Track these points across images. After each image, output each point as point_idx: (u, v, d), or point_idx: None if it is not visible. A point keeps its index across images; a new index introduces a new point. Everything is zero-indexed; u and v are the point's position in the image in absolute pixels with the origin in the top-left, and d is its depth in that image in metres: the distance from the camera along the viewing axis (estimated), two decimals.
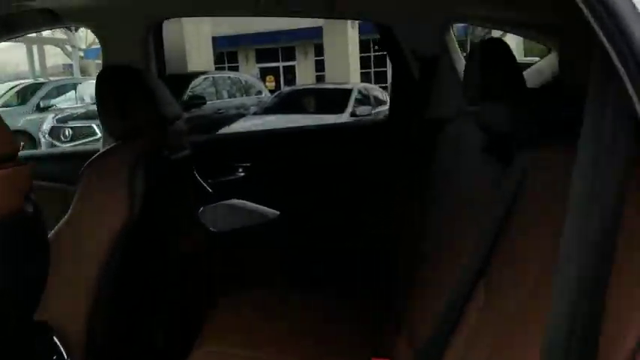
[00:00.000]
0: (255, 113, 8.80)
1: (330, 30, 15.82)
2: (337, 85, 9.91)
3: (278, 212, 2.18)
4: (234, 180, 2.21)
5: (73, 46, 15.94)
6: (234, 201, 2.16)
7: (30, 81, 11.50)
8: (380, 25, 2.06)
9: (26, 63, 16.94)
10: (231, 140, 2.43)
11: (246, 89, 10.77)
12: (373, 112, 8.32)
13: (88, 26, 2.03)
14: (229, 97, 10.18)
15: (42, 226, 1.12)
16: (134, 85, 1.55)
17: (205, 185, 2.15)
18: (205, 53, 14.70)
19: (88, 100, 9.48)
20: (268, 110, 8.53)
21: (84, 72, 16.41)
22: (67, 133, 7.85)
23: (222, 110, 9.46)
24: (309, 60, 20.06)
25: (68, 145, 7.74)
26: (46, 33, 16.30)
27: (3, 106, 9.60)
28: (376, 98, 9.13)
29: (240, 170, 2.20)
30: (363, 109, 8.11)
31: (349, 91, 8.49)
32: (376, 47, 19.35)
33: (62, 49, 16.74)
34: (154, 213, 1.60)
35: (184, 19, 10.52)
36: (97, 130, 7.55)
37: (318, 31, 16.45)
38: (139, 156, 1.48)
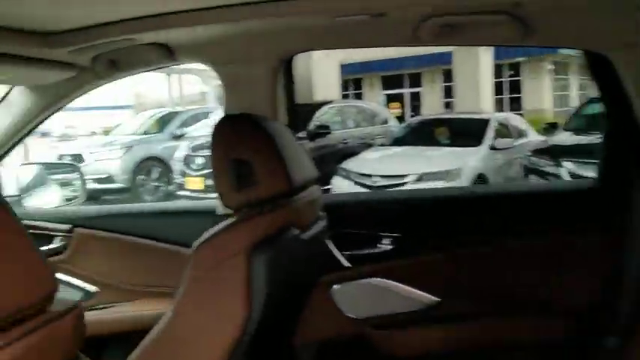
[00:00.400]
0: (382, 144, 8.39)
1: (462, 55, 15.09)
2: (473, 114, 9.22)
3: (438, 299, 1.66)
4: (378, 254, 1.73)
5: (210, 75, 16.73)
6: (378, 280, 1.68)
7: (168, 109, 12.12)
8: (590, 52, 1.52)
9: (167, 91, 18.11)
10: (375, 202, 1.95)
11: (371, 118, 10.45)
12: (515, 144, 7.55)
13: (206, 63, 1.71)
14: (355, 126, 9.90)
15: None
16: (257, 143, 1.17)
17: (341, 258, 1.71)
18: (332, 81, 14.67)
19: None
20: (397, 141, 8.09)
21: (220, 100, 17.08)
22: (197, 161, 7.97)
23: (348, 140, 9.19)
24: (436, 86, 19.44)
25: (198, 173, 7.84)
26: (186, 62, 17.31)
27: (144, 134, 10.18)
28: (516, 129, 8.31)
29: (388, 242, 1.72)
30: (503, 142, 7.38)
31: (486, 122, 7.79)
32: (511, 72, 18.26)
33: (201, 77, 17.68)
34: (279, 311, 1.21)
35: None
36: None
37: (446, 57, 15.83)
38: (259, 239, 1.10)
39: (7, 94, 1.82)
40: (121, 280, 1.92)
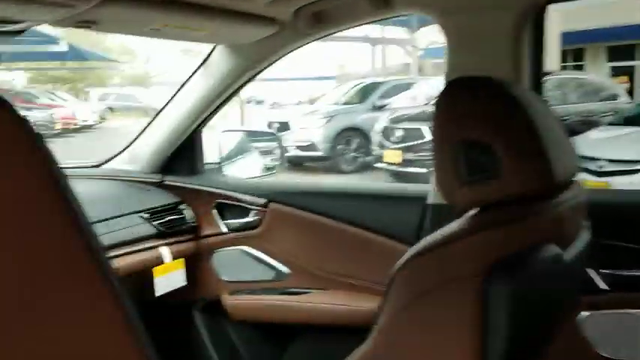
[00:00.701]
0: (611, 123, 7.20)
1: None
2: None
3: None
4: None
5: (413, 46, 16.36)
6: None
7: (370, 80, 12.09)
8: None
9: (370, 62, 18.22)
10: None
11: (596, 93, 9.10)
12: None
13: (428, 13, 1.36)
14: (576, 101, 8.71)
15: None
16: (503, 117, 0.81)
17: (597, 278, 1.26)
18: (551, 51, 13.23)
19: (421, 100, 9.33)
20: (631, 120, 6.84)
21: (421, 72, 16.70)
22: (396, 134, 7.73)
23: (567, 117, 8.12)
24: None
25: (396, 146, 7.60)
26: (390, 33, 17.25)
27: (345, 104, 10.27)
28: None
29: None
30: None
31: None
32: None
33: (403, 48, 17.42)
34: (519, 353, 0.86)
35: None
36: (425, 134, 7.25)
37: None
38: (501, 257, 0.75)
39: (208, 55, 1.72)
40: (313, 264, 1.73)
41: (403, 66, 19.24)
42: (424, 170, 7.01)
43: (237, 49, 1.65)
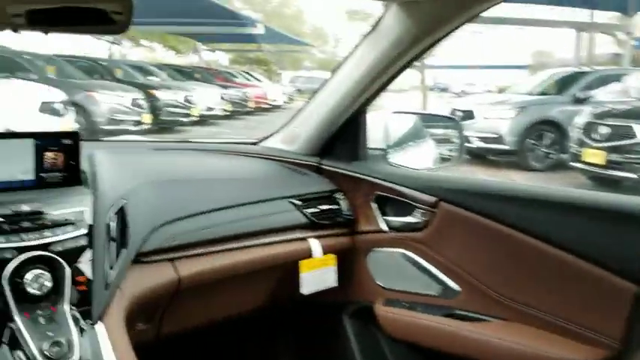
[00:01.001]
0: None
1: None
2: None
3: None
4: None
5: (628, 33, 14.42)
6: None
7: (572, 69, 10.85)
8: None
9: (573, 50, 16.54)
10: None
11: None
12: None
13: None
14: None
15: None
16: None
17: None
18: None
19: (634, 95, 8.03)
20: None
21: (635, 63, 14.65)
22: (601, 131, 6.70)
23: None
24: None
25: (600, 145, 6.60)
26: (600, 18, 15.42)
27: (540, 94, 9.34)
28: None
29: None
30: None
31: None
32: None
33: (613, 37, 15.51)
34: None
35: None
36: (637, 133, 6.19)
37: None
38: None
39: (379, 19, 1.44)
40: (493, 286, 1.38)
41: (612, 56, 17.15)
42: (634, 176, 6.00)
43: (412, 8, 1.35)
